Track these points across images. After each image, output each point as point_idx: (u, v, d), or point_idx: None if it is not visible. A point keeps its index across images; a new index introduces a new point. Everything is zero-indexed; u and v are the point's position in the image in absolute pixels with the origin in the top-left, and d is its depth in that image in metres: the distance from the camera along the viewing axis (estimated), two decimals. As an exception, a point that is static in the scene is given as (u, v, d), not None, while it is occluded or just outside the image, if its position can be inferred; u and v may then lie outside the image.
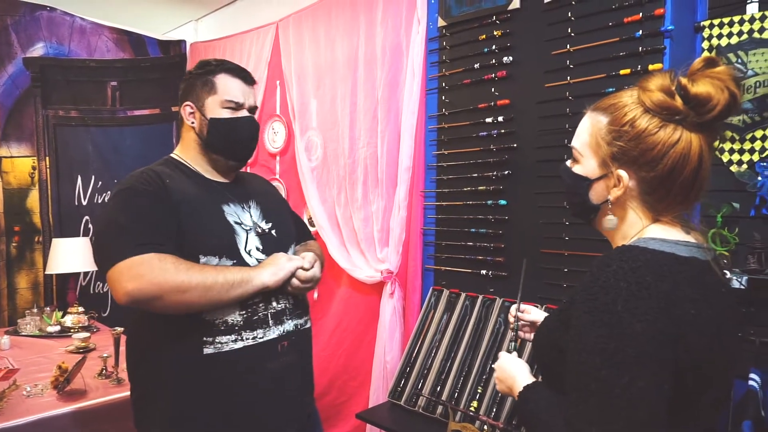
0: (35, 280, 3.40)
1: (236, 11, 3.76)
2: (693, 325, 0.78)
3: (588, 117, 0.94)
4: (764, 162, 1.63)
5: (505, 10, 2.11)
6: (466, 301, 2.20)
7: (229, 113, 1.39)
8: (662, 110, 0.83)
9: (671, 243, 0.84)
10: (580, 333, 0.79)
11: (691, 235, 0.88)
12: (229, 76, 1.40)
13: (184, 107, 1.42)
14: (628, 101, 0.88)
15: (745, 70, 1.66)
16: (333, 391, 2.71)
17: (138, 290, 1.16)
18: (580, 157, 0.94)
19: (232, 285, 1.24)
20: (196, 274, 1.21)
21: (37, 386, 1.99)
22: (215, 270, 1.24)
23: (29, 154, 3.39)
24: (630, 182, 0.87)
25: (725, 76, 0.82)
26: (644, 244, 0.84)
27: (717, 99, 0.81)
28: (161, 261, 1.19)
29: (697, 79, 0.83)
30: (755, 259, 1.58)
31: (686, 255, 0.84)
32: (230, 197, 1.41)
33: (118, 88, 3.71)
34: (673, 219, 0.88)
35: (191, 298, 1.20)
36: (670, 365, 0.76)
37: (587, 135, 0.93)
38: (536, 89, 2.01)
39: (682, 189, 0.85)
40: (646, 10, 1.73)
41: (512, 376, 1.02)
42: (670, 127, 0.83)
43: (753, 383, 1.51)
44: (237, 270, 1.28)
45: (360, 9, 2.66)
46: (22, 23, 3.32)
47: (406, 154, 2.43)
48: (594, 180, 0.92)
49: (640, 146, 0.85)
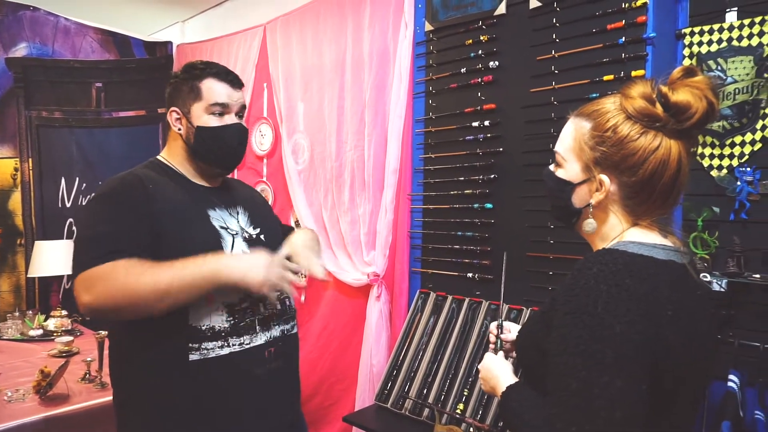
0: (17, 283, 3.35)
1: (223, 13, 3.75)
2: (670, 327, 0.80)
3: (571, 122, 0.96)
4: (743, 167, 1.66)
5: (491, 15, 2.13)
6: (453, 304, 2.22)
7: (217, 120, 1.37)
8: (643, 117, 0.86)
9: (649, 246, 0.86)
10: (561, 334, 0.81)
11: (668, 239, 0.91)
12: (215, 81, 1.38)
13: (171, 113, 1.40)
14: (611, 108, 0.90)
15: (724, 77, 1.69)
16: (319, 394, 2.70)
17: (94, 302, 1.16)
18: (564, 162, 0.95)
19: (191, 285, 1.17)
20: (147, 279, 1.15)
21: (19, 391, 1.96)
22: (171, 271, 1.17)
23: (11, 155, 3.34)
24: (611, 186, 0.89)
25: (704, 85, 0.85)
26: (623, 247, 0.86)
27: (696, 107, 0.84)
28: (113, 270, 1.16)
29: (677, 88, 0.86)
30: (735, 262, 1.61)
31: (664, 258, 0.86)
32: (216, 202, 1.40)
33: (102, 89, 3.68)
34: (651, 223, 0.91)
35: (147, 305, 1.17)
36: (648, 366, 0.78)
37: (571, 140, 0.94)
38: (522, 94, 2.03)
39: (661, 194, 0.87)
40: (629, 17, 1.76)
41: (496, 376, 1.03)
42: (651, 133, 0.86)
43: (732, 384, 1.54)
44: (202, 265, 1.19)
45: (348, 12, 2.66)
46: (5, 23, 3.28)
47: (393, 158, 2.44)
48: (577, 184, 0.94)
49: (622, 152, 0.87)
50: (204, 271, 1.18)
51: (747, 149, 1.67)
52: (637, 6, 1.74)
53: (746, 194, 1.64)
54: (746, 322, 1.62)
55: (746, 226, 1.65)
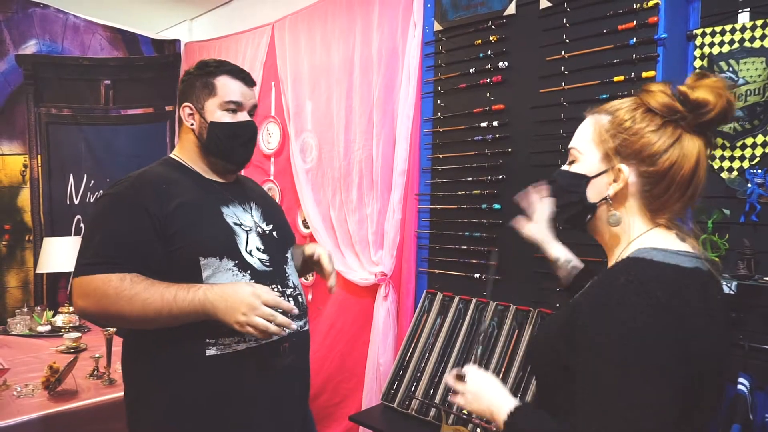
0: (25, 279, 3.37)
1: (231, 12, 3.75)
2: (702, 338, 0.80)
3: (589, 118, 0.97)
4: (754, 169, 1.65)
5: (500, 15, 2.12)
6: (460, 305, 2.21)
7: (230, 116, 1.39)
8: (664, 108, 0.87)
9: (673, 253, 0.85)
10: (591, 348, 0.80)
11: (687, 242, 0.90)
12: (229, 78, 1.40)
13: (183, 108, 1.42)
14: (630, 103, 0.92)
15: (736, 79, 1.68)
16: (326, 392, 2.71)
17: (86, 309, 1.23)
18: (580, 155, 0.96)
19: (178, 316, 1.21)
20: (137, 304, 1.19)
21: (28, 386, 1.97)
22: (162, 300, 1.19)
23: (21, 152, 3.36)
24: (630, 177, 0.89)
25: (721, 84, 0.86)
26: (648, 255, 0.85)
27: (715, 103, 0.85)
28: (106, 284, 1.20)
29: (696, 87, 0.87)
30: (745, 265, 1.60)
31: (690, 266, 0.85)
32: (230, 198, 1.41)
33: (111, 86, 3.69)
34: (669, 223, 0.90)
35: (137, 325, 1.26)
36: (681, 377, 0.77)
37: (590, 131, 0.95)
38: (531, 94, 2.03)
39: (679, 187, 0.87)
40: (640, 18, 1.75)
41: (492, 397, 0.98)
42: (671, 126, 0.87)
43: (742, 387, 1.53)
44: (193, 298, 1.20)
45: (356, 12, 2.66)
46: (15, 20, 3.29)
47: (401, 157, 2.44)
48: (592, 177, 0.93)
49: (642, 141, 0.88)
50: (195, 304, 1.21)
51: (758, 151, 1.66)
52: (649, 7, 1.73)
53: (757, 196, 1.63)
54: (756, 325, 1.61)
55: (757, 228, 1.65)
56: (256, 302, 1.18)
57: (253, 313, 1.17)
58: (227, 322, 1.19)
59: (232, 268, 1.31)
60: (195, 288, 1.22)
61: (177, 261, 1.27)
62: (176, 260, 1.27)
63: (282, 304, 1.22)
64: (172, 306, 1.20)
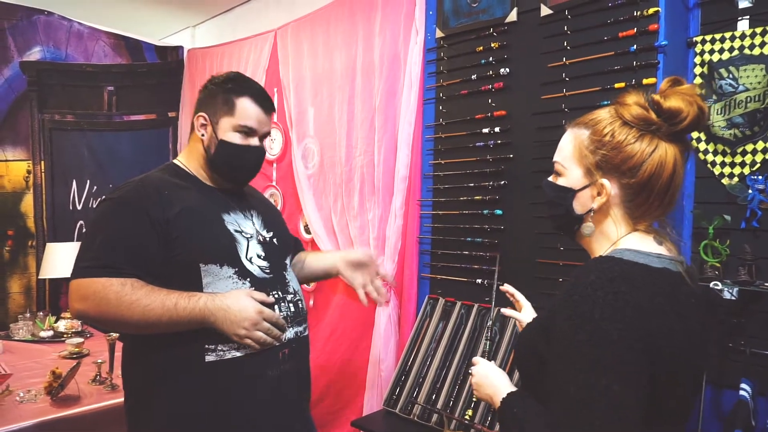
0: (28, 284, 3.38)
1: (234, 19, 3.78)
2: (666, 336, 0.82)
3: (569, 132, 1.00)
4: (755, 175, 1.66)
5: (502, 22, 2.14)
6: (462, 310, 2.22)
7: (241, 138, 1.39)
8: (639, 122, 0.90)
9: (644, 254, 0.89)
10: (560, 340, 0.83)
11: (664, 246, 0.93)
12: (250, 101, 1.40)
13: (198, 117, 1.42)
14: (606, 116, 0.95)
15: (736, 86, 1.69)
16: (328, 398, 2.71)
17: (84, 312, 1.24)
18: (564, 170, 0.98)
19: (178, 323, 1.22)
20: (137, 310, 1.20)
21: (30, 392, 1.98)
22: (162, 307, 1.21)
23: (24, 157, 3.38)
24: (612, 190, 0.92)
25: (692, 92, 0.90)
26: (619, 254, 0.89)
27: (687, 111, 0.88)
28: (107, 288, 1.20)
29: (668, 96, 0.90)
30: (746, 270, 1.61)
31: (658, 266, 0.88)
32: (232, 205, 1.42)
33: (114, 92, 3.71)
34: (648, 228, 0.94)
35: (136, 330, 1.27)
36: (645, 373, 0.79)
37: (571, 147, 0.98)
38: (532, 101, 2.04)
39: (659, 194, 0.91)
40: (641, 25, 1.76)
41: (493, 384, 1.05)
42: (647, 137, 0.90)
43: (744, 393, 1.53)
44: (193, 308, 1.23)
45: (358, 19, 2.68)
46: (19, 27, 3.32)
47: (403, 163, 2.45)
48: (578, 190, 0.96)
49: (621, 154, 0.90)
50: (195, 314, 1.23)
51: (759, 157, 1.66)
52: (649, 14, 1.74)
53: (758, 202, 1.63)
54: (758, 330, 1.61)
55: (758, 234, 1.65)
56: (258, 318, 1.25)
57: (255, 328, 1.25)
58: (227, 333, 1.24)
59: (232, 276, 1.31)
60: (196, 297, 1.24)
61: (177, 267, 1.28)
62: (176, 266, 1.27)
63: (280, 321, 1.31)
64: (172, 314, 1.21)
